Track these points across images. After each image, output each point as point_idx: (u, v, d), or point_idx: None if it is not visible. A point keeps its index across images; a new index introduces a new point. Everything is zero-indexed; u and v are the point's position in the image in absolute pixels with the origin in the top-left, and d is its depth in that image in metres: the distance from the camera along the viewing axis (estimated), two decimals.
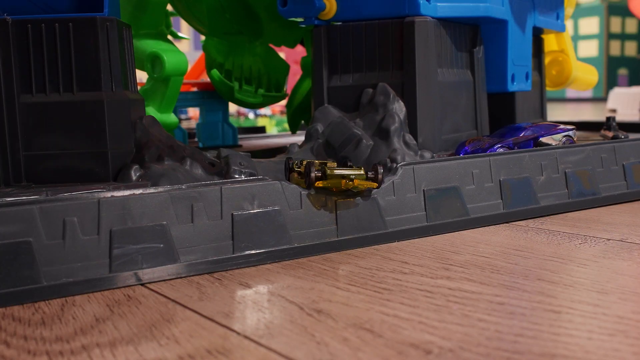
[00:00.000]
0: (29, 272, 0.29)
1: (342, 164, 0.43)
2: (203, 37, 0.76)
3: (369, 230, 0.38)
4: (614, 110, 2.15)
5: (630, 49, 4.09)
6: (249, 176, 0.42)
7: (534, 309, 0.26)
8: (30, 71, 0.40)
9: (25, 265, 0.29)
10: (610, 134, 0.67)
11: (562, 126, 0.52)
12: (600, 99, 3.84)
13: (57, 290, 0.30)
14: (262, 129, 1.15)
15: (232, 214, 0.34)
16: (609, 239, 0.38)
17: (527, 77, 0.60)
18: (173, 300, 0.29)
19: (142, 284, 0.31)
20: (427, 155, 0.49)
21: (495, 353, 0.22)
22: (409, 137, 0.49)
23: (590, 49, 4.06)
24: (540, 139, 0.50)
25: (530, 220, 0.44)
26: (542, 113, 0.72)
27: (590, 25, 4.00)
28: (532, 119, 0.70)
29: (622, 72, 4.06)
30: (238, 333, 0.25)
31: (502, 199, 0.43)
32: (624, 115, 1.90)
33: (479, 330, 0.24)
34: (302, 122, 0.78)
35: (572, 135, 0.53)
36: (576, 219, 0.44)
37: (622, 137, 0.64)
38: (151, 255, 0.32)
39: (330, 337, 0.24)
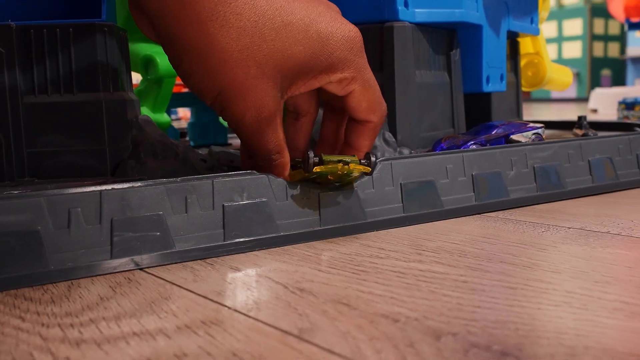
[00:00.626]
0: (38, 257, 0.32)
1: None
2: None
3: (349, 220, 0.41)
4: (595, 110, 2.19)
5: (613, 50, 4.16)
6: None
7: (493, 285, 0.30)
8: (33, 73, 0.43)
9: (34, 251, 0.32)
10: (580, 132, 0.71)
11: (531, 124, 0.55)
12: (584, 99, 3.90)
13: (64, 273, 0.33)
14: None
15: (223, 205, 0.37)
16: (570, 228, 0.41)
17: (501, 79, 0.63)
18: (170, 282, 0.32)
19: (141, 269, 0.34)
20: (406, 151, 0.52)
21: (454, 321, 0.25)
22: (388, 135, 0.52)
23: (574, 50, 4.12)
24: (511, 136, 0.54)
25: (500, 211, 0.47)
26: (518, 112, 0.75)
27: (574, 26, 4.06)
28: (508, 118, 0.73)
29: (606, 72, 4.13)
30: (229, 307, 0.28)
31: (474, 192, 0.47)
32: (605, 114, 1.94)
33: (442, 303, 0.27)
34: None
35: (541, 133, 0.56)
36: (543, 211, 0.47)
37: (592, 135, 0.68)
38: (149, 243, 0.35)
39: (311, 310, 0.27)
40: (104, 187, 0.34)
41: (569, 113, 2.47)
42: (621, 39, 4.11)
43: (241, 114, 0.37)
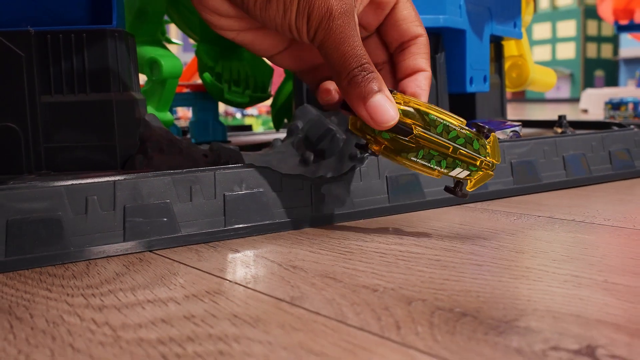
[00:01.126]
0: (59, 239, 0.36)
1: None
2: (192, 42, 0.83)
3: (339, 209, 0.45)
4: (585, 110, 2.24)
5: (607, 51, 4.21)
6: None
7: (463, 263, 0.34)
8: (49, 75, 0.47)
9: (56, 234, 0.36)
10: (560, 130, 0.75)
11: (509, 122, 0.59)
12: (577, 99, 3.95)
13: (82, 254, 0.36)
14: (249, 127, 1.22)
15: (224, 195, 0.41)
16: (539, 216, 0.45)
17: (485, 80, 0.67)
18: (177, 261, 0.36)
19: (150, 251, 0.38)
20: None
21: (425, 290, 0.29)
22: None
23: (567, 51, 4.17)
24: None
25: (479, 202, 0.51)
26: (503, 112, 0.79)
27: (568, 28, 4.11)
28: (492, 117, 0.77)
29: (599, 73, 4.18)
30: (230, 281, 0.32)
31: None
32: (595, 114, 1.99)
33: (416, 277, 0.31)
34: (285, 120, 0.85)
35: (518, 131, 0.60)
36: (518, 202, 0.51)
37: (569, 133, 0.72)
38: (157, 227, 0.39)
39: (301, 282, 0.31)
40: (117, 177, 0.38)
41: (562, 112, 2.52)
42: (614, 40, 4.16)
43: (328, 5, 0.35)
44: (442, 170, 0.38)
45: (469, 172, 0.38)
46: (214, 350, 0.23)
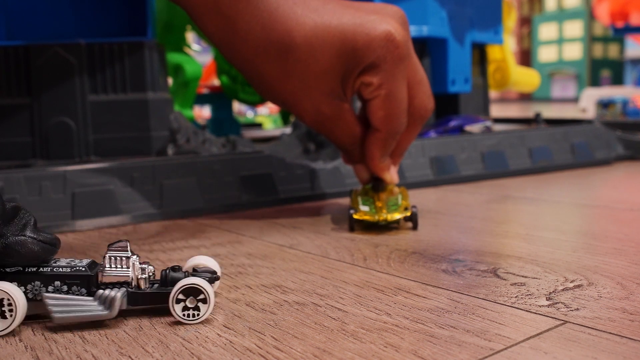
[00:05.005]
0: (113, 206, 0.46)
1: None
2: (203, 44, 0.93)
3: (333, 188, 0.55)
4: (584, 110, 2.32)
5: (613, 51, 4.28)
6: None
7: (425, 225, 0.43)
8: (96, 78, 0.57)
9: (110, 202, 0.46)
10: (535, 126, 0.84)
11: (482, 118, 0.69)
12: None
13: (129, 219, 0.47)
14: (260, 125, 1.33)
15: (239, 175, 0.51)
16: (499, 194, 0.55)
17: (466, 81, 0.77)
18: (204, 224, 0.46)
19: (182, 218, 0.48)
20: None
21: (391, 240, 0.39)
22: None
23: (574, 51, 4.24)
24: (465, 127, 0.67)
25: (452, 185, 0.61)
26: (486, 110, 0.89)
27: (574, 28, 4.19)
28: (476, 114, 0.86)
29: (605, 73, 4.25)
30: (245, 235, 0.42)
31: (431, 170, 0.61)
32: (593, 113, 2.07)
33: (386, 233, 0.41)
34: (292, 116, 0.95)
35: (489, 126, 0.70)
36: (485, 185, 0.61)
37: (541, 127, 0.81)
38: (187, 199, 0.49)
39: (299, 235, 0.41)
40: (155, 159, 0.48)
41: (568, 111, 2.61)
42: (620, 40, 4.23)
43: (302, 117, 0.43)
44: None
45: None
46: (235, 271, 0.33)
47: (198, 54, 1.24)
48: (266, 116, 1.76)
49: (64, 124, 0.56)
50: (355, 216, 0.42)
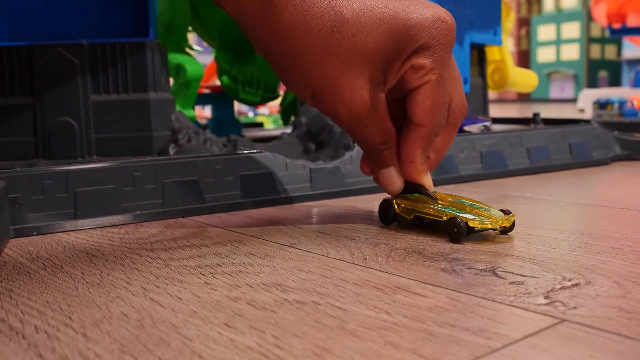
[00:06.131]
0: (115, 205, 0.47)
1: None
2: (205, 45, 0.93)
3: (333, 188, 0.55)
4: (582, 110, 2.33)
5: (610, 52, 4.29)
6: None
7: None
8: (98, 78, 0.57)
9: (112, 202, 0.47)
10: (533, 126, 0.85)
11: (481, 118, 0.69)
12: None
13: (131, 218, 0.47)
14: (260, 124, 1.33)
15: (240, 175, 0.52)
16: (497, 193, 0.55)
17: (465, 82, 0.77)
18: (205, 223, 0.46)
19: (183, 217, 0.49)
20: None
21: (390, 239, 0.39)
22: None
23: (571, 52, 4.25)
24: (464, 127, 0.68)
25: (451, 185, 0.61)
26: (485, 110, 0.89)
27: (572, 29, 4.20)
28: (475, 114, 0.87)
29: (603, 74, 4.26)
30: (245, 234, 0.42)
31: None
32: (590, 114, 2.08)
33: (386, 232, 0.41)
34: (292, 116, 0.95)
35: (488, 125, 0.70)
36: (484, 184, 0.61)
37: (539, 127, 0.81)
38: (188, 198, 0.49)
39: (299, 235, 0.41)
40: (157, 159, 0.49)
41: (566, 112, 2.61)
42: (618, 41, 4.24)
43: (336, 110, 0.38)
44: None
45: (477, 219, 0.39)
46: (235, 270, 0.33)
47: (199, 54, 1.25)
48: (267, 116, 1.77)
49: (67, 124, 0.57)
50: (474, 224, 0.38)
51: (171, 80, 0.72)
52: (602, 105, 1.40)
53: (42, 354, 0.23)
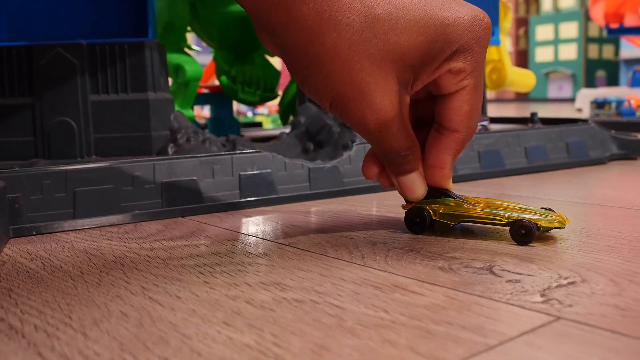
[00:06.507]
0: (114, 205, 0.47)
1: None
2: (204, 45, 0.94)
3: (331, 187, 0.56)
4: (580, 109, 2.33)
5: (608, 51, 4.30)
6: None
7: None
8: (97, 78, 0.58)
9: (112, 201, 0.47)
10: (531, 125, 0.85)
11: (479, 118, 0.69)
12: None
13: (130, 218, 0.47)
14: (259, 124, 1.33)
15: (239, 174, 0.52)
16: (494, 192, 0.56)
17: None
18: (203, 223, 0.46)
19: (182, 216, 0.49)
20: None
21: (388, 238, 0.40)
22: None
23: (569, 52, 4.26)
24: None
25: None
26: (483, 110, 0.89)
27: (570, 29, 4.21)
28: None
29: (600, 74, 4.27)
30: (244, 234, 0.42)
31: None
32: (588, 113, 2.08)
33: (385, 231, 0.42)
34: (291, 117, 0.96)
35: (486, 125, 0.70)
36: (482, 183, 0.62)
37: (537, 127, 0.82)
38: (187, 198, 0.49)
39: (297, 234, 0.42)
40: (156, 158, 0.49)
41: (564, 111, 2.62)
42: (615, 41, 4.25)
43: (361, 116, 0.34)
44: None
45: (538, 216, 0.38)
46: (234, 269, 0.34)
47: (198, 54, 1.25)
48: (266, 116, 1.77)
49: (66, 124, 0.57)
50: (546, 224, 0.37)
51: (170, 80, 0.72)
52: (599, 104, 1.40)
53: (41, 353, 0.23)
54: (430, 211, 0.40)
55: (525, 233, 0.37)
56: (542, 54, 4.56)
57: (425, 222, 0.40)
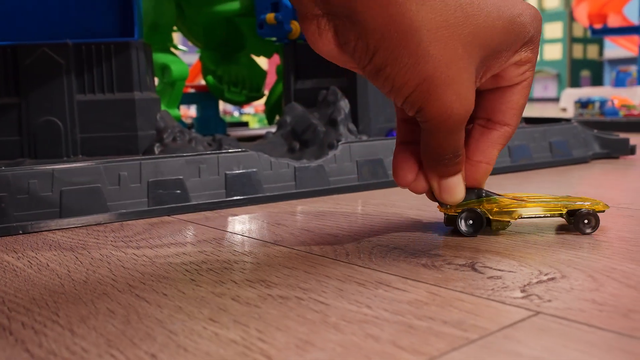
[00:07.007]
0: (100, 204, 0.47)
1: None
2: (189, 44, 0.94)
3: (317, 186, 0.56)
4: (564, 109, 2.35)
5: (592, 52, 4.34)
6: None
7: (407, 223, 0.45)
8: (84, 78, 0.58)
9: (98, 200, 0.47)
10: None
11: None
12: None
13: (116, 217, 0.47)
14: (246, 124, 1.34)
15: (225, 173, 0.52)
16: None
17: None
18: (189, 221, 0.47)
19: (168, 215, 0.49)
20: (364, 138, 0.67)
21: (373, 236, 0.40)
22: (351, 126, 0.67)
23: (554, 52, 4.29)
24: None
25: None
26: None
27: (554, 29, 4.24)
28: None
29: (585, 73, 4.31)
30: (230, 232, 0.43)
31: None
32: (572, 113, 2.10)
33: (369, 229, 0.42)
34: (277, 116, 0.96)
35: None
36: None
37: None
38: (173, 197, 0.50)
39: (283, 232, 0.42)
40: (143, 158, 0.49)
41: (549, 111, 2.64)
42: (600, 41, 4.29)
43: (449, 106, 0.31)
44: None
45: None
46: (220, 267, 0.34)
47: (184, 54, 1.25)
48: (252, 115, 1.77)
49: (52, 123, 0.57)
50: (599, 208, 0.38)
51: (156, 80, 0.72)
52: (583, 104, 1.42)
53: (29, 349, 0.24)
54: (485, 211, 0.39)
55: (589, 221, 0.39)
56: None
57: (480, 223, 0.39)
